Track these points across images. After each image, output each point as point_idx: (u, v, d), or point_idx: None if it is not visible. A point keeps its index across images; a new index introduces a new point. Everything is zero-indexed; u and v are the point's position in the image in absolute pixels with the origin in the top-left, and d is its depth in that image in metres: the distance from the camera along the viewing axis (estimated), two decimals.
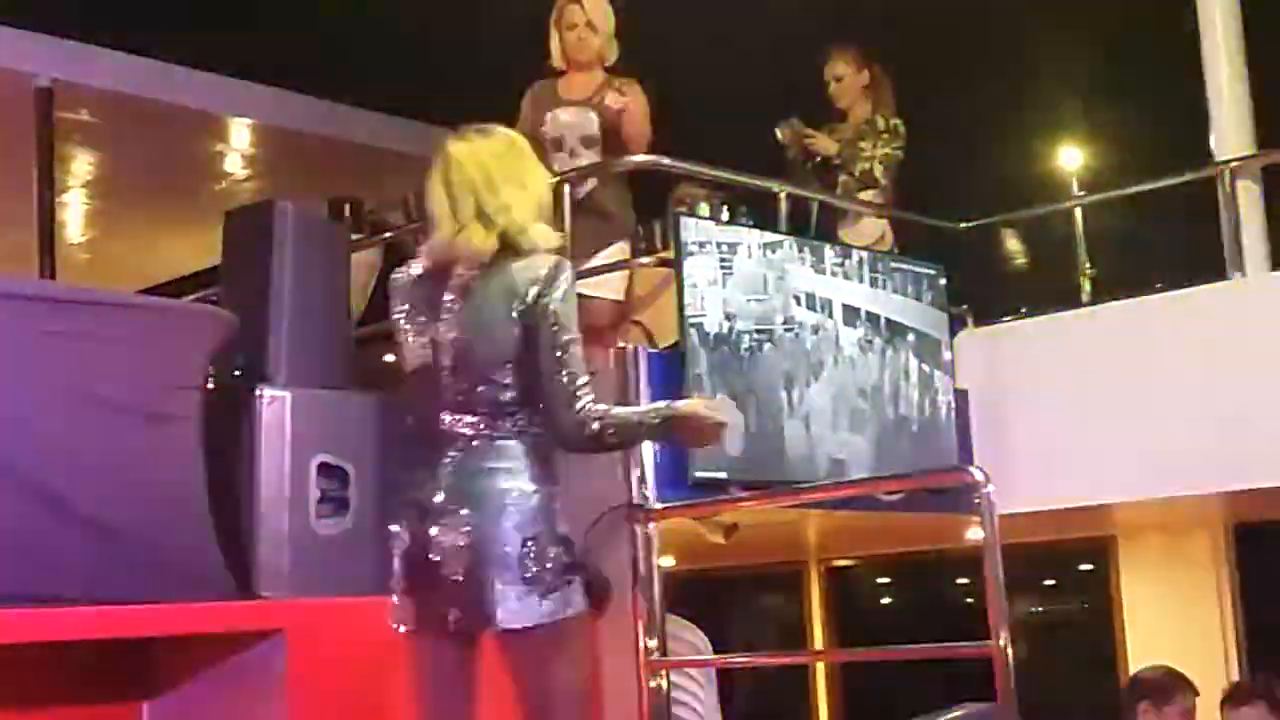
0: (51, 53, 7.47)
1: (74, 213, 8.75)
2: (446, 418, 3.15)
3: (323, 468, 4.83)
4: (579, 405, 3.12)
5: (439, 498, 3.10)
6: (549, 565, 3.09)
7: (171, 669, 4.52)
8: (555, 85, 6.18)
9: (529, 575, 3.04)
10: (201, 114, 7.95)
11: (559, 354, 3.11)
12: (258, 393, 4.81)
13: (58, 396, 4.27)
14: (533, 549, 3.06)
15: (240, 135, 8.30)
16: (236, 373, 4.96)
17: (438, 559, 3.08)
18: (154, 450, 4.44)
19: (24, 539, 4.08)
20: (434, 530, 3.08)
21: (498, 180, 3.16)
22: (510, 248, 3.16)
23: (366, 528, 4.85)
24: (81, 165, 8.27)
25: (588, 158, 6.03)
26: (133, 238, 9.14)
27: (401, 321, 3.26)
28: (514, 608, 3.03)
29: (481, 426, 3.12)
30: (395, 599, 3.22)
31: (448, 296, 3.17)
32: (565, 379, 3.12)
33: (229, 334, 4.83)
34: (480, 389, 3.12)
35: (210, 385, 4.80)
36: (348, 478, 4.89)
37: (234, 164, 8.57)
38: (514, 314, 3.12)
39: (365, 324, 6.55)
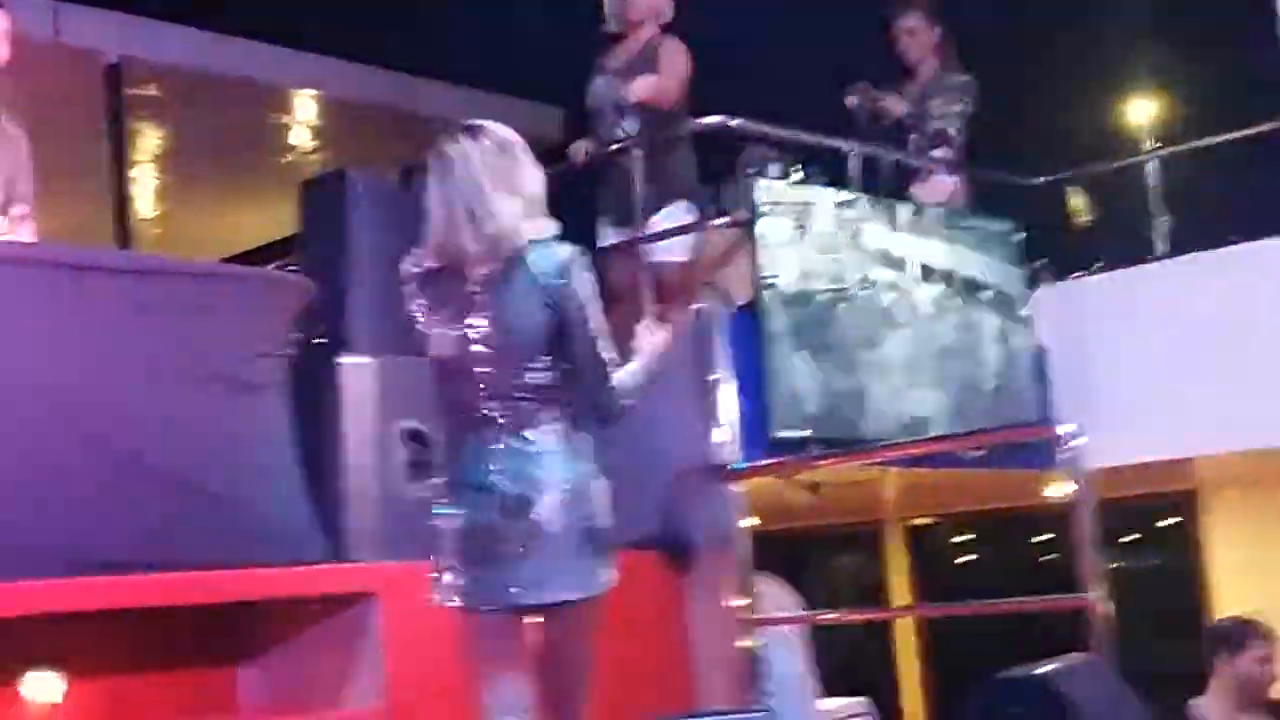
0: (119, 30, 7.54)
1: (145, 187, 8.84)
2: (490, 405, 3.24)
3: (407, 432, 4.87)
4: (611, 384, 3.28)
5: (494, 482, 3.21)
6: (598, 541, 3.23)
7: (266, 633, 4.58)
8: (611, 52, 6.17)
9: (583, 552, 3.19)
10: (268, 87, 8.01)
11: (591, 337, 3.24)
12: (341, 360, 4.86)
13: (150, 367, 4.33)
14: (585, 527, 3.21)
15: (307, 107, 8.36)
16: (319, 340, 5.01)
17: (497, 539, 3.19)
18: (245, 418, 4.49)
19: (121, 507, 4.15)
20: (493, 513, 3.20)
21: (486, 186, 3.21)
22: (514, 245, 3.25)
23: None
24: (151, 140, 8.36)
25: (629, 123, 6.00)
26: (202, 211, 9.23)
27: (423, 315, 3.34)
28: (571, 582, 3.19)
29: (526, 413, 3.23)
30: (443, 576, 3.31)
31: (474, 292, 3.24)
32: (599, 361, 3.25)
33: (311, 302, 4.88)
34: (522, 378, 3.22)
35: (294, 353, 4.85)
36: (432, 442, 4.93)
37: (301, 136, 8.63)
38: (543, 303, 3.22)
39: None
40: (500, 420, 3.24)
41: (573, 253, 3.29)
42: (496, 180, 3.22)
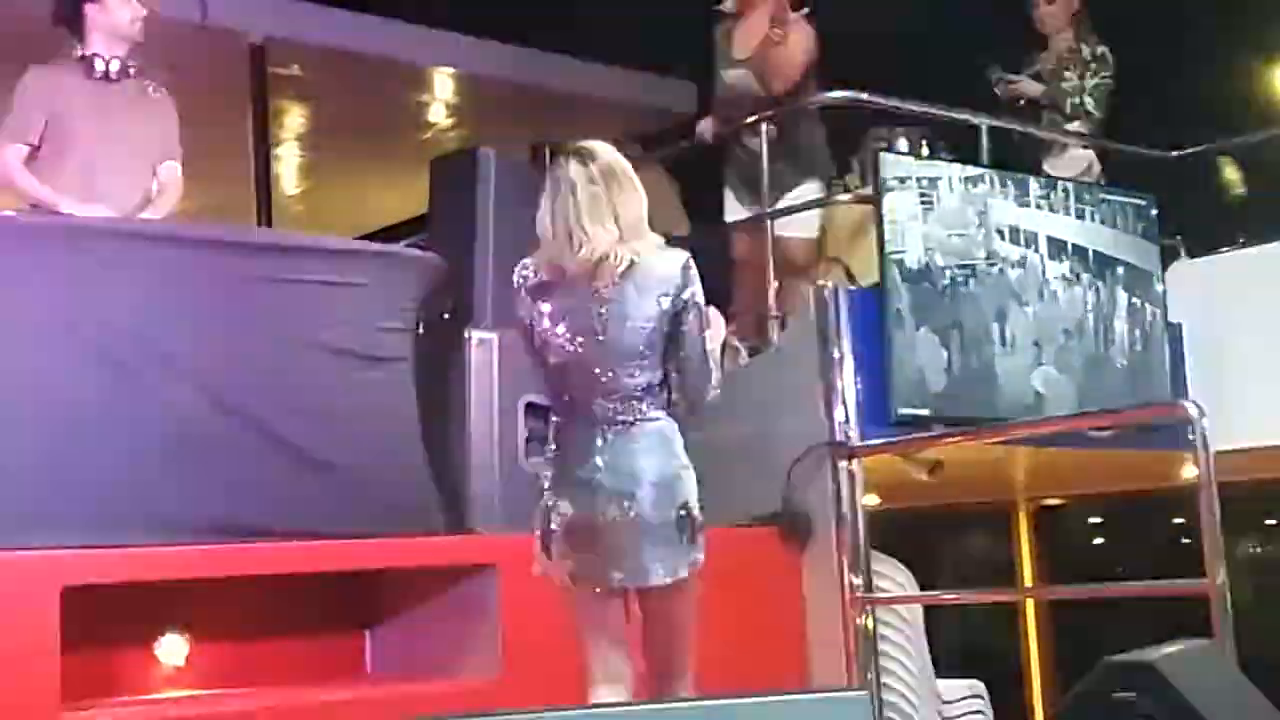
0: (263, 9, 7.72)
1: (287, 165, 9.06)
2: (601, 404, 3.49)
3: (529, 407, 4.95)
4: (715, 381, 3.57)
5: (601, 476, 3.47)
6: (690, 528, 3.48)
7: (392, 600, 4.71)
8: (730, 32, 6.15)
9: (678, 538, 3.46)
10: (407, 65, 8.14)
11: (701, 337, 3.52)
12: (467, 335, 4.96)
13: (284, 341, 4.47)
14: (679, 515, 3.46)
15: (444, 85, 8.48)
16: (446, 315, 5.11)
17: (602, 529, 3.45)
18: (373, 391, 4.62)
19: (256, 478, 4.30)
20: (600, 504, 3.45)
21: (584, 213, 3.44)
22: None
23: None
24: (294, 119, 8.55)
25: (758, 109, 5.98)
26: (343, 188, 9.42)
27: (545, 322, 3.55)
28: (668, 567, 3.47)
29: (633, 411, 3.49)
30: (550, 560, 3.56)
31: (594, 301, 3.47)
32: (705, 359, 3.53)
33: (438, 278, 4.98)
34: (630, 378, 3.48)
35: (421, 328, 4.96)
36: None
37: (438, 113, 8.75)
38: (661, 309, 3.47)
39: None
40: (607, 417, 3.49)
41: (686, 259, 3.53)
42: (594, 207, 3.45)
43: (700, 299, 3.53)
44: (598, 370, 3.49)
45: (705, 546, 3.55)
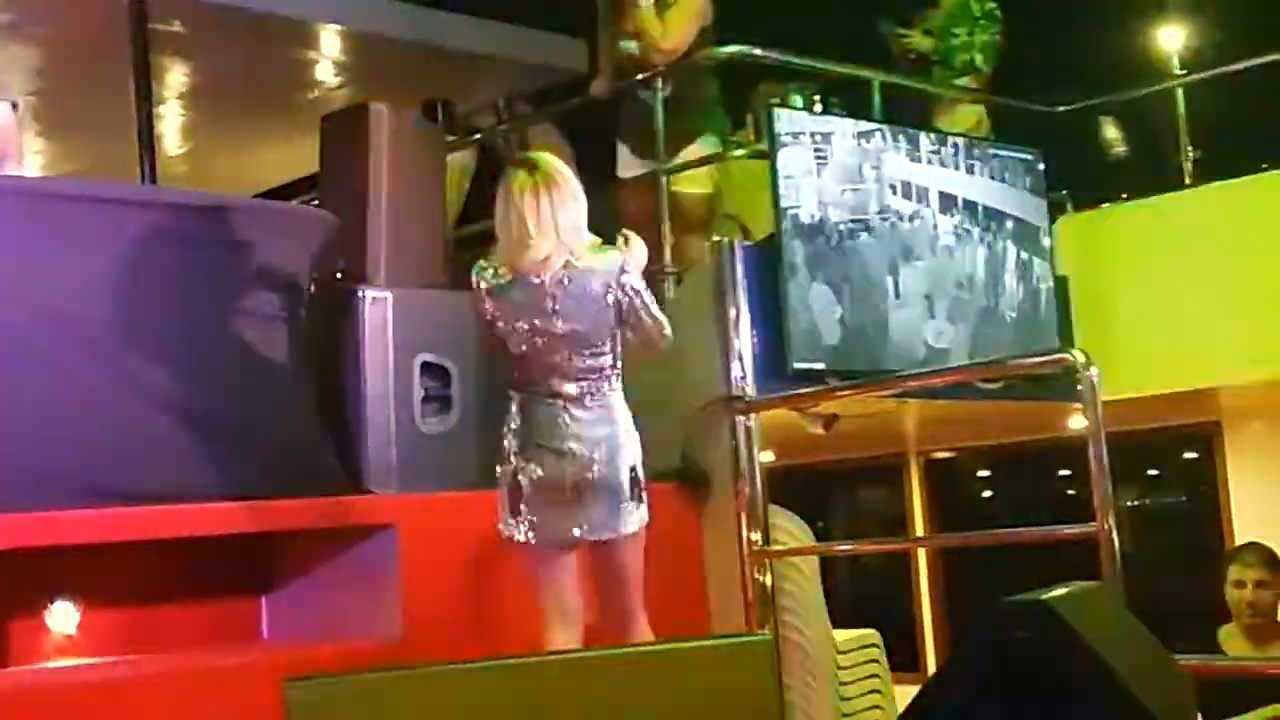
0: None
1: (170, 124, 8.83)
2: (561, 384, 3.95)
3: (426, 366, 4.92)
4: (666, 328, 4.05)
5: (569, 444, 3.92)
6: (638, 485, 3.99)
7: (288, 563, 4.66)
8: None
9: (634, 495, 3.97)
10: (292, 21, 7.96)
11: (648, 306, 4.01)
12: (360, 293, 4.89)
13: (172, 300, 4.38)
14: (633, 477, 3.97)
15: (331, 42, 8.30)
16: (339, 274, 5.04)
17: (566, 489, 3.91)
18: (266, 350, 4.54)
19: (143, 438, 4.21)
20: (567, 468, 3.91)
21: (530, 221, 3.90)
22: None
23: (470, 425, 4.94)
24: (176, 77, 8.32)
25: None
26: (228, 148, 9.21)
27: (505, 317, 3.99)
28: (622, 521, 3.96)
29: (590, 389, 3.96)
30: (515, 519, 3.97)
31: (546, 298, 3.93)
32: (654, 318, 4.02)
33: (331, 236, 4.90)
34: (584, 362, 3.96)
35: (314, 287, 4.89)
36: (450, 376, 4.97)
37: (325, 71, 8.57)
38: (607, 300, 3.95)
39: (462, 225, 6.60)
40: (568, 395, 3.96)
41: (622, 260, 4.01)
42: (540, 215, 3.90)
43: (638, 285, 3.99)
44: (556, 357, 3.95)
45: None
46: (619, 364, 4.03)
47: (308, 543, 4.55)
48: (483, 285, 4.01)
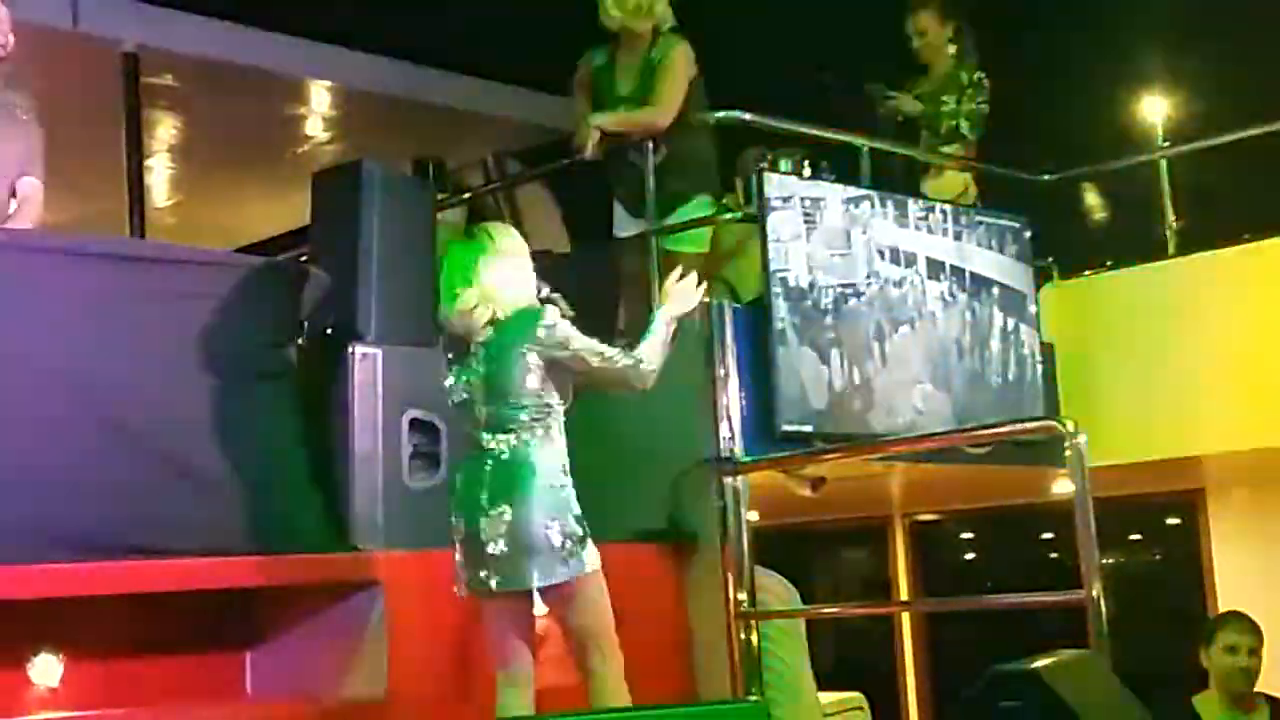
0: (136, 18, 7.54)
1: (160, 177, 8.86)
2: (484, 436, 4.06)
3: (414, 423, 4.91)
4: (619, 362, 4.12)
5: (484, 495, 3.99)
6: (567, 538, 3.94)
7: (273, 619, 4.63)
8: (609, 53, 6.17)
9: (559, 548, 3.93)
10: (284, 77, 8.01)
11: (582, 356, 4.08)
12: (350, 350, 4.89)
13: (162, 355, 4.38)
14: (559, 528, 3.93)
15: (321, 98, 8.34)
16: (329, 330, 5.04)
17: (485, 540, 3.95)
18: (253, 406, 4.54)
19: (130, 493, 4.20)
20: (482, 520, 3.96)
21: (477, 281, 4.09)
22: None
23: None
24: (167, 130, 8.35)
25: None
26: (218, 201, 9.23)
27: (450, 368, 4.20)
28: (546, 572, 3.93)
29: (511, 441, 4.03)
30: (458, 573, 4.08)
31: (473, 349, 4.12)
32: (599, 360, 4.09)
33: (321, 292, 4.91)
34: (505, 413, 4.04)
35: (304, 342, 4.89)
36: (438, 433, 4.97)
37: (315, 127, 8.62)
38: (524, 353, 4.04)
39: None
40: (486, 446, 4.05)
41: (543, 310, 4.12)
42: (480, 276, 4.09)
43: (565, 334, 4.07)
44: (479, 410, 4.08)
45: (595, 558, 4.01)
46: (545, 418, 4.05)
47: (293, 599, 4.53)
48: (443, 343, 4.25)
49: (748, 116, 5.91)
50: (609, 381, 4.17)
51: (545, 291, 4.28)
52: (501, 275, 4.13)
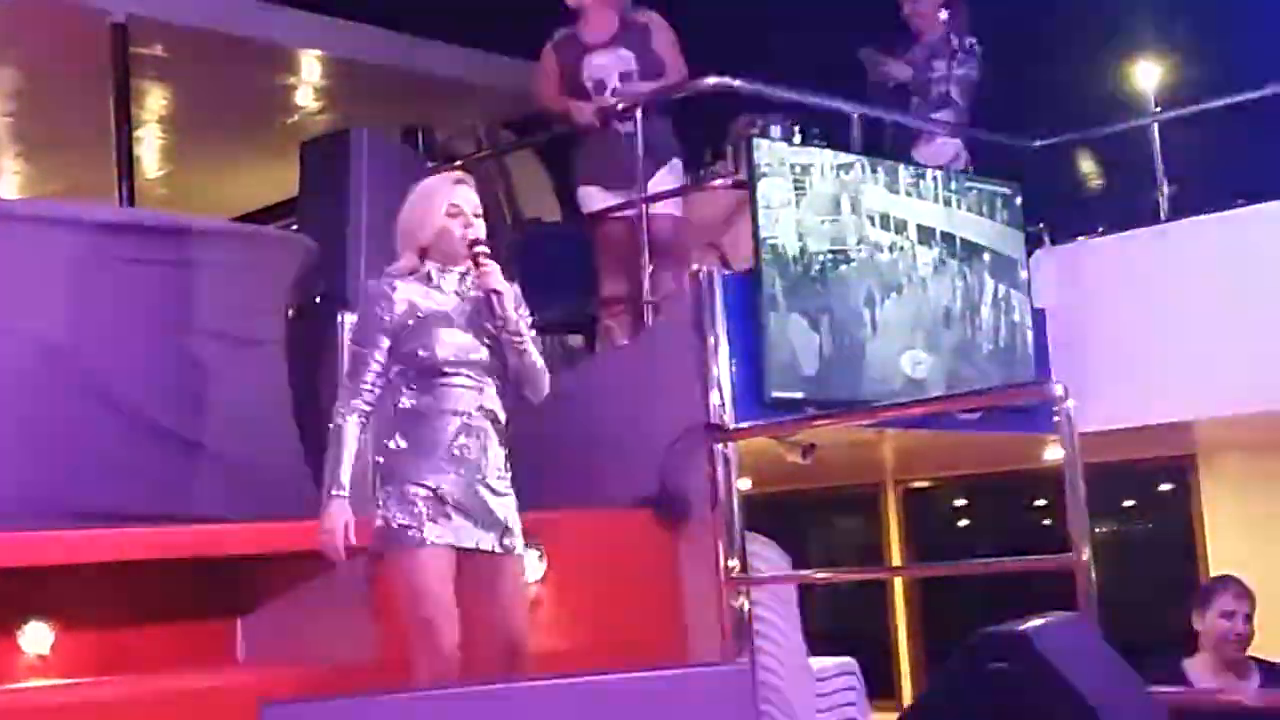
0: None
1: (149, 147, 8.84)
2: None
3: None
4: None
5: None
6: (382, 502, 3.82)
7: (264, 586, 4.63)
8: (576, 32, 6.14)
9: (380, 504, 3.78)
10: (273, 47, 7.99)
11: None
12: (339, 317, 4.89)
13: (152, 322, 4.38)
14: (381, 484, 3.83)
15: (311, 67, 8.33)
16: (318, 298, 5.05)
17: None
18: (244, 373, 4.54)
19: (122, 461, 4.21)
20: None
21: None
22: None
23: None
24: (156, 100, 8.34)
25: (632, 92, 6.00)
26: (207, 171, 9.22)
27: None
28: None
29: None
30: None
31: None
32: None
33: (311, 260, 4.91)
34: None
35: (294, 310, 4.89)
36: None
37: (305, 96, 8.61)
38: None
39: None
40: None
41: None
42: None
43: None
44: None
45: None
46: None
47: (284, 565, 4.52)
48: None
49: (736, 83, 5.88)
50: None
51: None
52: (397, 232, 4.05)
